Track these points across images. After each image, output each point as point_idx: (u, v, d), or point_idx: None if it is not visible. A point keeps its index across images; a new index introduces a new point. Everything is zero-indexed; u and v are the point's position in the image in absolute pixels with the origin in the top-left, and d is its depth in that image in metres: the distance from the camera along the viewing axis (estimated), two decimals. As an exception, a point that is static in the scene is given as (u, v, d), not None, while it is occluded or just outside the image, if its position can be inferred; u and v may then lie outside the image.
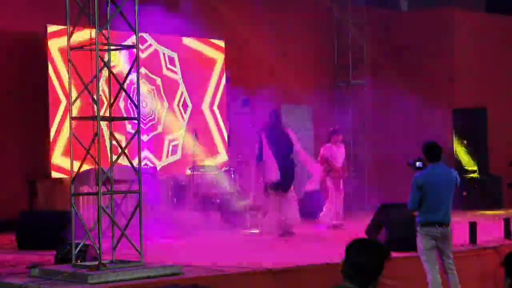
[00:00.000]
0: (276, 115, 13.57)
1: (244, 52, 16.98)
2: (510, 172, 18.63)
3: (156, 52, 15.69)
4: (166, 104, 15.82)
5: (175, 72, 15.95)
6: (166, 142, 15.83)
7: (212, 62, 16.61)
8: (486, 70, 19.39)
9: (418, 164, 9.34)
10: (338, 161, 14.56)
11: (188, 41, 16.21)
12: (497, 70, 19.56)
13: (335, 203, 14.45)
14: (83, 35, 9.05)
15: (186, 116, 16.04)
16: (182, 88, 16.03)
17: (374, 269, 4.32)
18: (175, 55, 15.91)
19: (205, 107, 16.45)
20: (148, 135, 15.49)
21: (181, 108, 16.05)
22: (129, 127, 14.70)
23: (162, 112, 15.71)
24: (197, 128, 15.28)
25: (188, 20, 15.50)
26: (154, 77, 15.66)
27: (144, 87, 15.19)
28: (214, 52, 16.68)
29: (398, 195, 14.26)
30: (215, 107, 16.58)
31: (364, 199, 18.34)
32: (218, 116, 16.59)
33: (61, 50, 14.25)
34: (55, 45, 14.49)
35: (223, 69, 16.78)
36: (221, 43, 16.76)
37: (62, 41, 13.72)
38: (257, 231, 13.58)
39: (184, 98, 16.06)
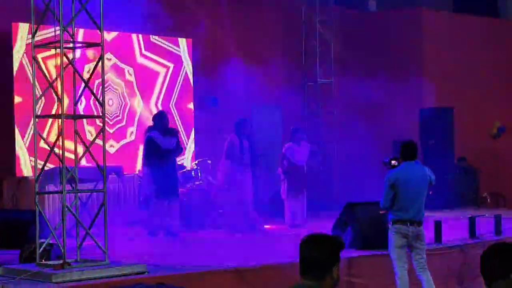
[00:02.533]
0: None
1: (211, 51, 16.96)
2: (474, 171, 18.82)
3: (116, 64, 16.08)
4: (128, 102, 15.99)
5: (132, 78, 16.34)
6: (128, 133, 16.19)
7: (178, 61, 16.79)
8: (454, 70, 19.51)
9: (393, 162, 9.36)
10: (299, 160, 14.57)
11: (142, 58, 16.46)
12: (464, 70, 19.68)
13: (295, 203, 14.47)
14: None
15: (139, 112, 16.42)
16: (137, 90, 16.33)
17: (326, 261, 4.31)
18: (131, 69, 16.35)
19: (170, 106, 16.62)
20: (113, 128, 15.87)
21: (138, 106, 16.29)
22: (98, 121, 14.78)
23: (126, 108, 15.94)
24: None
25: (154, 18, 15.49)
26: (119, 80, 15.99)
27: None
28: (180, 51, 16.80)
29: (366, 193, 14.36)
30: (171, 105, 16.76)
31: (331, 197, 18.37)
32: (178, 115, 16.76)
33: (27, 48, 14.17)
34: (20, 43, 14.41)
35: (190, 68, 16.87)
36: (187, 42, 16.90)
37: (28, 39, 13.66)
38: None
39: (139, 100, 16.31)
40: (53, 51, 8.94)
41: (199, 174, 15.01)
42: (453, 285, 10.66)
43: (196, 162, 15.61)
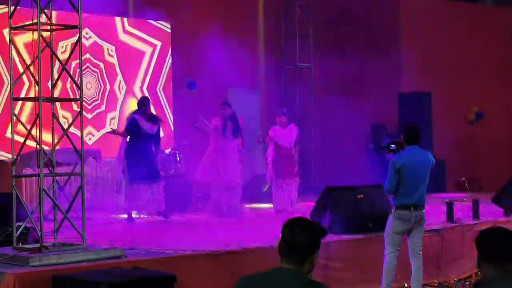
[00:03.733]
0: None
1: (190, 35, 16.88)
2: (453, 156, 18.90)
3: (96, 43, 15.84)
4: (108, 86, 15.87)
5: (114, 58, 16.16)
6: (108, 119, 16.03)
7: (147, 50, 16.69)
8: (432, 55, 19.54)
9: (392, 146, 9.31)
10: (284, 142, 14.52)
11: (124, 34, 16.30)
12: (442, 55, 19.72)
13: (286, 189, 14.44)
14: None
15: (121, 96, 16.28)
16: (119, 72, 16.21)
17: (307, 246, 4.32)
18: (113, 48, 16.11)
19: (158, 90, 16.55)
20: (91, 114, 15.72)
21: (120, 88, 16.17)
22: (75, 106, 14.72)
23: (106, 92, 15.84)
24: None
25: (133, 2, 15.44)
26: (97, 62, 15.80)
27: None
28: (149, 41, 16.70)
29: (344, 178, 14.40)
30: (159, 89, 16.65)
31: (310, 182, 18.41)
32: (162, 98, 16.64)
33: (4, 31, 14.05)
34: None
35: (168, 52, 16.79)
36: (167, 25, 16.80)
37: (5, 22, 13.53)
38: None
39: (121, 81, 16.20)
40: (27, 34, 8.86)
41: (178, 158, 14.96)
42: (431, 268, 10.70)
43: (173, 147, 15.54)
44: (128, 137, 13.11)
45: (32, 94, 13.81)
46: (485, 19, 20.83)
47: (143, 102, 13.43)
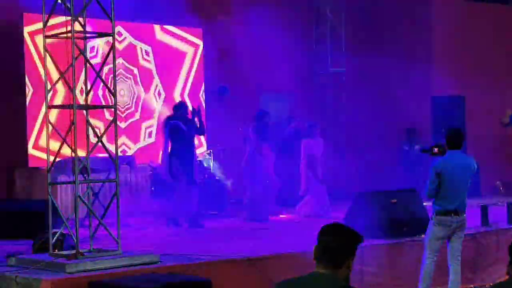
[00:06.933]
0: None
1: (223, 40, 16.91)
2: (487, 160, 18.76)
3: (131, 44, 15.71)
4: (143, 92, 15.83)
5: (150, 62, 16.00)
6: (142, 128, 15.90)
7: (188, 50, 16.65)
8: (465, 58, 19.42)
9: (435, 150, 9.24)
10: (316, 154, 14.63)
11: (162, 33, 16.26)
12: (475, 58, 19.60)
13: (316, 194, 14.49)
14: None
15: (160, 104, 16.12)
16: (156, 77, 16.09)
17: (343, 252, 4.33)
18: (149, 48, 15.96)
19: (183, 95, 16.53)
20: (125, 122, 15.57)
21: (156, 96, 16.11)
22: (107, 115, 14.73)
23: (140, 100, 15.77)
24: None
25: (166, 8, 15.48)
26: (131, 67, 15.68)
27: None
28: (191, 40, 16.69)
29: (376, 184, 14.37)
30: (201, 95, 16.68)
31: (342, 187, 18.35)
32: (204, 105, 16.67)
33: (38, 38, 14.17)
34: (31, 33, 14.41)
35: (201, 57, 16.81)
36: (199, 31, 16.81)
37: (39, 29, 13.66)
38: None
39: (158, 86, 16.11)
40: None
41: (211, 164, 15.00)
42: (466, 273, 10.63)
43: (208, 152, 15.58)
44: (170, 142, 13.09)
45: (59, 101, 13.88)
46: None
47: (180, 107, 13.40)
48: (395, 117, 17.86)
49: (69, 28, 8.33)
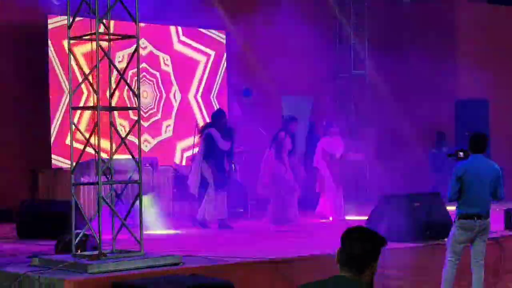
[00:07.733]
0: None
1: (244, 43, 16.94)
2: (511, 164, 18.65)
3: (152, 53, 16.10)
4: (164, 94, 16.07)
5: (169, 67, 16.42)
6: (163, 126, 16.27)
7: (209, 54, 16.88)
8: (489, 61, 19.33)
9: (460, 154, 9.21)
10: (336, 153, 14.57)
11: (184, 36, 16.63)
12: (499, 61, 19.51)
13: (334, 196, 14.45)
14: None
15: (176, 105, 16.55)
16: (174, 80, 16.48)
17: (367, 255, 4.31)
18: (169, 57, 16.35)
19: (211, 98, 16.67)
20: (147, 122, 16.01)
21: (176, 98, 16.37)
22: (131, 114, 14.87)
23: (161, 101, 16.14)
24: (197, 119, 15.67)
25: (188, 11, 15.54)
26: (153, 71, 16.10)
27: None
28: (213, 43, 16.86)
29: (400, 187, 14.32)
30: (212, 97, 16.76)
31: (366, 189, 18.32)
32: (216, 106, 16.73)
33: (63, 41, 14.24)
34: (56, 36, 14.50)
35: (222, 60, 16.88)
36: (221, 35, 16.90)
37: (64, 32, 13.73)
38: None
39: (176, 89, 16.49)
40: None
41: (233, 167, 15.01)
42: (489, 277, 10.57)
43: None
44: (203, 148, 13.16)
45: (89, 103, 14.01)
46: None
47: (219, 116, 13.40)
48: (419, 120, 17.80)
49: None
